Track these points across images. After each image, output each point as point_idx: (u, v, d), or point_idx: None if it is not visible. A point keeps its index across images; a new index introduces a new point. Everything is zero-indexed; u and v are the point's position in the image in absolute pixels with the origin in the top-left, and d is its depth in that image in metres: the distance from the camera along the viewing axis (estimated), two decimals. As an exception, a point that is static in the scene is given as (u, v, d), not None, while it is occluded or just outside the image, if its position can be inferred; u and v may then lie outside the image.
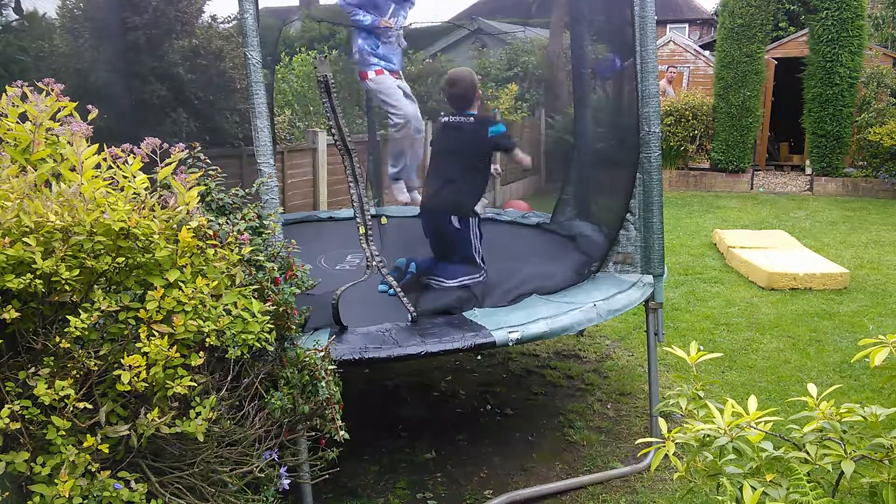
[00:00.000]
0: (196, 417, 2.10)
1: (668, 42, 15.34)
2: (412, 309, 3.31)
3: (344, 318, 3.14)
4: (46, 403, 1.93)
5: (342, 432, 2.56)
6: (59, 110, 2.32)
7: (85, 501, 1.95)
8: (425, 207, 4.17)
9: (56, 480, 1.92)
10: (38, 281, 1.91)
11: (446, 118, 4.04)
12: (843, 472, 1.78)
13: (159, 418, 2.04)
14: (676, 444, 1.96)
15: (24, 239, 1.93)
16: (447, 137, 4.02)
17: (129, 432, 2.04)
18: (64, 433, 1.95)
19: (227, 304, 2.22)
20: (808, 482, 1.75)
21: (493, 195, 10.59)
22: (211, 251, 2.24)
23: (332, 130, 3.16)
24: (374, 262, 3.21)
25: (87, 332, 1.99)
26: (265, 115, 2.95)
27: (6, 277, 1.90)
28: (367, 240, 3.19)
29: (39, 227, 1.96)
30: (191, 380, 2.08)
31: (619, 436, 4.04)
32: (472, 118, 3.95)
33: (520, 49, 12.22)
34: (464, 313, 3.44)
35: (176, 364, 2.07)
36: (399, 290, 3.31)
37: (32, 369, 1.96)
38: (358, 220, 3.17)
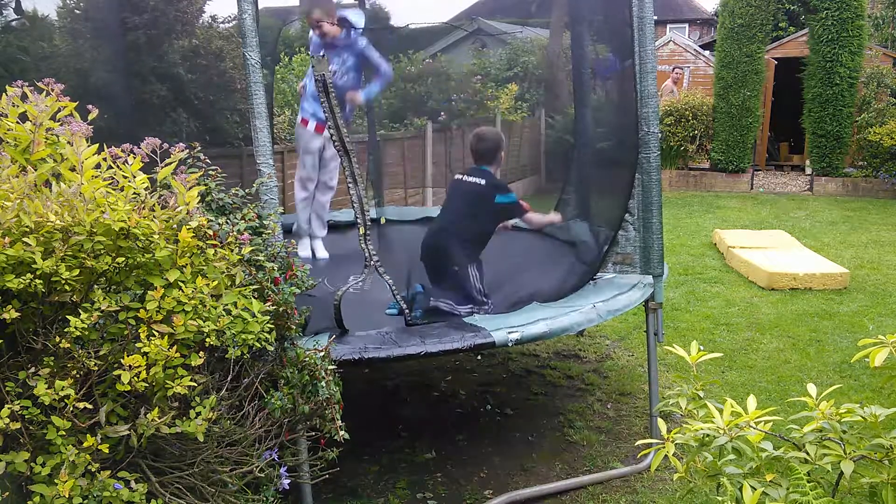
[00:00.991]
0: (196, 417, 2.10)
1: (668, 42, 15.35)
2: (410, 317, 3.33)
3: (344, 323, 3.14)
4: (46, 403, 1.92)
5: (342, 432, 2.56)
6: (59, 110, 2.32)
7: (85, 501, 1.95)
8: (427, 244, 4.04)
9: (56, 480, 1.92)
10: (38, 281, 1.91)
11: (460, 176, 4.08)
12: (842, 472, 1.78)
13: (159, 418, 2.04)
14: (676, 444, 1.96)
15: (24, 239, 1.93)
16: (457, 195, 4.07)
17: (129, 432, 2.04)
18: (64, 433, 1.95)
19: (227, 304, 2.22)
20: (808, 482, 1.75)
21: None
22: (211, 251, 2.24)
23: (331, 131, 3.15)
24: (371, 262, 3.21)
25: (87, 332, 1.99)
26: (265, 116, 2.94)
27: (6, 277, 1.90)
28: (366, 240, 3.19)
29: (39, 227, 1.96)
30: (191, 380, 2.08)
31: (619, 436, 4.04)
32: (483, 181, 3.93)
33: (520, 49, 12.21)
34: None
35: (176, 364, 2.07)
36: (400, 298, 3.32)
37: (32, 369, 1.96)
38: (358, 220, 3.17)
